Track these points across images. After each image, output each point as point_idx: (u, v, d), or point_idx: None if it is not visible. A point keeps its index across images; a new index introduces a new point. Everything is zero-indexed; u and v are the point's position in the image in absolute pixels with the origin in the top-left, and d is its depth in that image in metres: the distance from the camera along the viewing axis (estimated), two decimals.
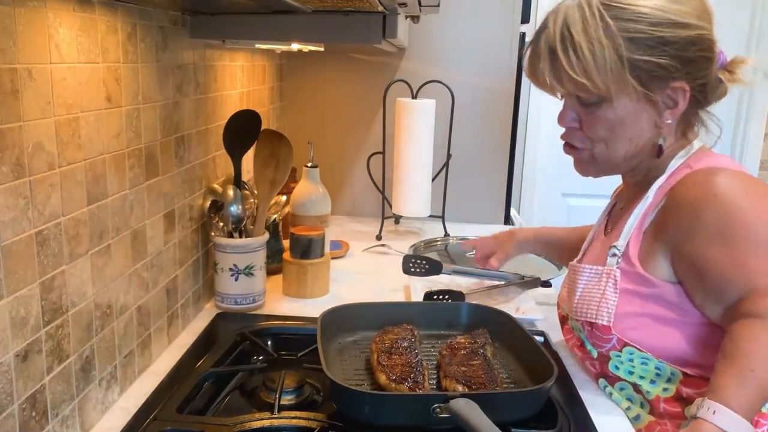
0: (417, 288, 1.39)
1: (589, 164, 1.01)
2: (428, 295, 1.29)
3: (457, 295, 1.30)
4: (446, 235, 1.84)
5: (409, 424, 0.86)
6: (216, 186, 1.28)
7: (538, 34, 0.96)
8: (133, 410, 0.91)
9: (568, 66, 0.90)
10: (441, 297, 1.29)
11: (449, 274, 1.40)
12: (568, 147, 1.02)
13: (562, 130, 1.01)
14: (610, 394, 1.01)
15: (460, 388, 0.90)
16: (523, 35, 1.92)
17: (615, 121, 0.94)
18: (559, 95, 1.00)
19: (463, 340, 1.05)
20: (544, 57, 0.94)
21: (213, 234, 1.25)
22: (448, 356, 1.00)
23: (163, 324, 1.09)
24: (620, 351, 0.96)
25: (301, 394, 0.97)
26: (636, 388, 0.97)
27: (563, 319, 1.13)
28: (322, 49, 1.54)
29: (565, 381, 1.03)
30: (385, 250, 1.74)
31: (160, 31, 1.02)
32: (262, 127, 1.30)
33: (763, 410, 0.89)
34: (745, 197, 0.89)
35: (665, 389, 0.94)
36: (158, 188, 1.04)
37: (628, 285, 0.95)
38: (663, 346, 0.93)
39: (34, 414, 0.74)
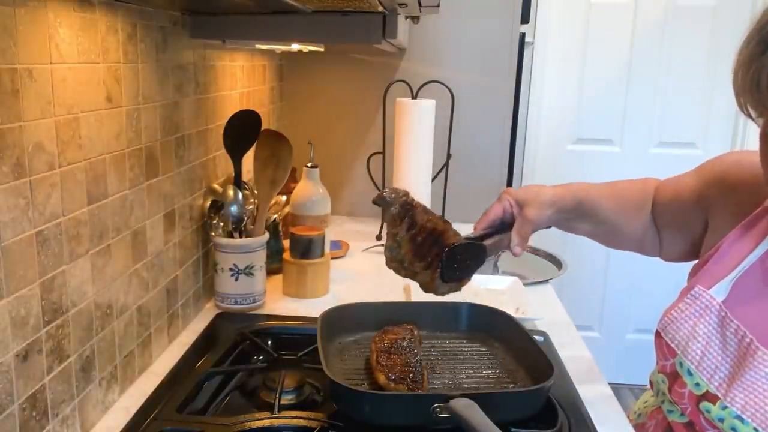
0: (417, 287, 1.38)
1: None
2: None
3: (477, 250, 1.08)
4: None
5: (409, 423, 0.86)
6: (216, 186, 1.28)
7: None
8: (133, 410, 0.91)
9: None
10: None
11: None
12: None
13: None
14: None
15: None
16: (523, 35, 1.92)
17: None
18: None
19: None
20: None
21: (213, 234, 1.25)
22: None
23: (163, 324, 1.10)
24: None
25: (301, 394, 0.97)
26: None
27: (675, 376, 0.84)
28: (322, 49, 1.54)
29: (565, 381, 1.03)
30: None
31: (160, 32, 1.02)
32: (262, 128, 1.30)
33: None
34: None
35: None
36: (158, 188, 1.04)
37: None
38: None
39: (34, 414, 0.74)
